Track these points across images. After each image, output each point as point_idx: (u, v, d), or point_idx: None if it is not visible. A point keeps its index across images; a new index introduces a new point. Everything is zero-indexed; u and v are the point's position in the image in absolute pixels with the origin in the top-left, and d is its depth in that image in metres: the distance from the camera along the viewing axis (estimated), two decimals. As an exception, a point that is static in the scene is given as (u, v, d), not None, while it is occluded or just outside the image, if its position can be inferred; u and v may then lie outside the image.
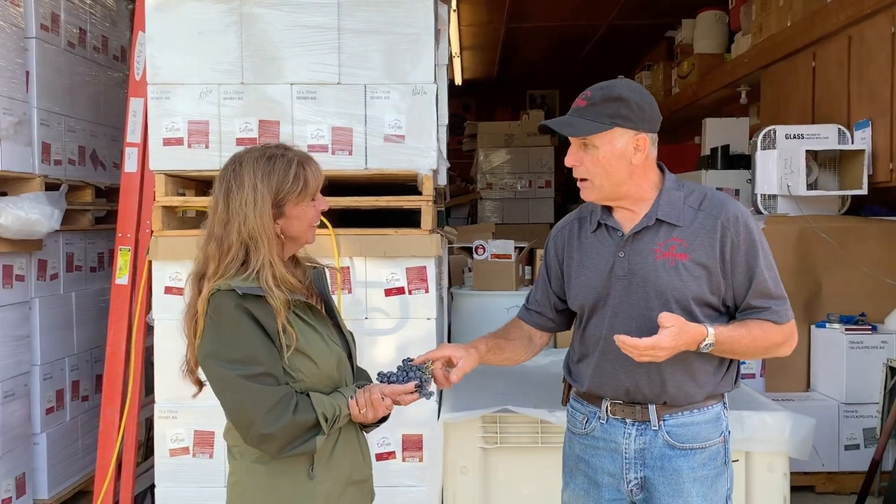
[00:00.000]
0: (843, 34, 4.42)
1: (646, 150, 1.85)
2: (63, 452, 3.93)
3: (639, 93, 1.85)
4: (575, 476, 2.01)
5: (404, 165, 3.02)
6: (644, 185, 1.88)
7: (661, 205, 1.87)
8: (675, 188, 1.90)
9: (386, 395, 1.80)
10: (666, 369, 1.85)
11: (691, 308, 1.84)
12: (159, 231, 3.01)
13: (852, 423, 3.99)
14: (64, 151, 3.98)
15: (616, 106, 1.81)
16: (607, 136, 1.82)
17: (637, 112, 1.82)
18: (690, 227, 1.85)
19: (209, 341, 1.70)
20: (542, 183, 8.25)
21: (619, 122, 1.81)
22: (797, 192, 4.14)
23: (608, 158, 1.83)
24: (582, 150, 1.86)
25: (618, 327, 1.86)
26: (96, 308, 4.23)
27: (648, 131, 1.85)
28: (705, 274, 1.83)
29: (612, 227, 1.92)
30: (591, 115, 1.83)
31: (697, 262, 1.83)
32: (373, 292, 3.05)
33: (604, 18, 7.55)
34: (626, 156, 1.83)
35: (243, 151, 1.83)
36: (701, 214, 1.86)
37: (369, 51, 2.99)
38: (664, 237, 1.85)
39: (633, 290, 1.86)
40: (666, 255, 1.84)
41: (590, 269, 1.94)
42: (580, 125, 1.83)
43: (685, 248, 1.84)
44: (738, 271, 1.84)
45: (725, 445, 1.94)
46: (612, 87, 1.84)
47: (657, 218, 1.86)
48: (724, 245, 1.83)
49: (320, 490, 1.77)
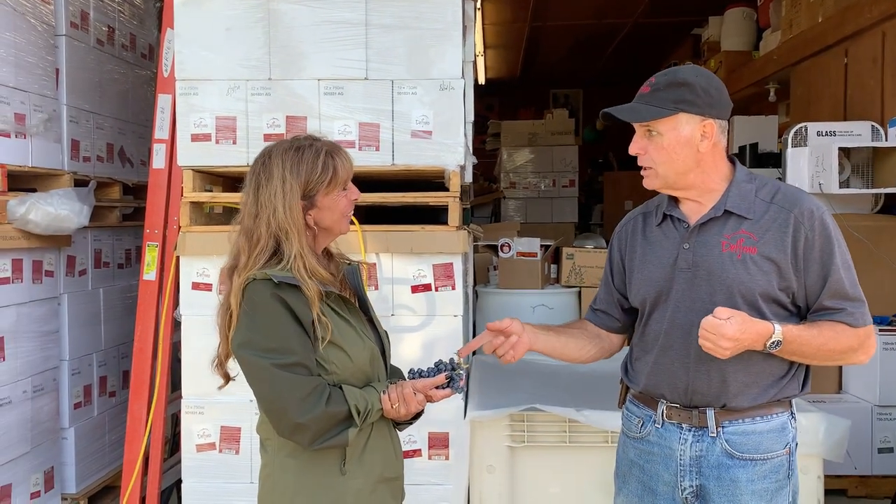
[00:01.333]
0: (876, 30, 4.34)
1: (713, 136, 1.78)
2: (90, 447, 3.96)
3: (706, 77, 1.79)
4: (628, 482, 1.94)
5: (431, 161, 3.00)
6: (713, 174, 1.81)
7: (730, 196, 1.80)
8: (746, 180, 1.82)
9: (417, 390, 1.79)
10: (728, 368, 1.76)
11: (758, 304, 1.76)
12: (187, 227, 3.02)
13: (886, 425, 3.91)
14: (92, 148, 4.01)
15: (681, 91, 1.75)
16: (671, 122, 1.76)
17: (703, 97, 1.75)
18: (761, 221, 1.77)
19: (243, 330, 1.70)
20: (566, 182, 8.20)
21: (683, 107, 1.75)
22: (829, 190, 4.06)
23: (673, 145, 1.77)
24: (646, 137, 1.80)
25: (679, 322, 1.80)
26: (123, 304, 4.26)
27: (716, 117, 1.78)
28: (774, 269, 1.75)
29: (677, 219, 1.85)
30: (655, 100, 1.77)
31: (766, 256, 1.75)
32: (399, 289, 3.04)
33: (629, 17, 7.48)
34: (693, 143, 1.77)
35: (273, 144, 1.84)
36: (773, 208, 1.78)
37: (396, 46, 2.98)
38: (732, 229, 1.78)
39: (696, 284, 1.79)
40: (733, 247, 1.76)
41: (652, 262, 1.87)
42: (643, 111, 1.78)
43: (754, 241, 1.76)
44: (812, 269, 1.76)
45: (790, 458, 1.84)
46: (676, 72, 1.79)
47: (726, 209, 1.79)
48: (798, 241, 1.75)
49: (351, 486, 1.76)
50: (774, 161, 5.06)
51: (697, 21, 7.26)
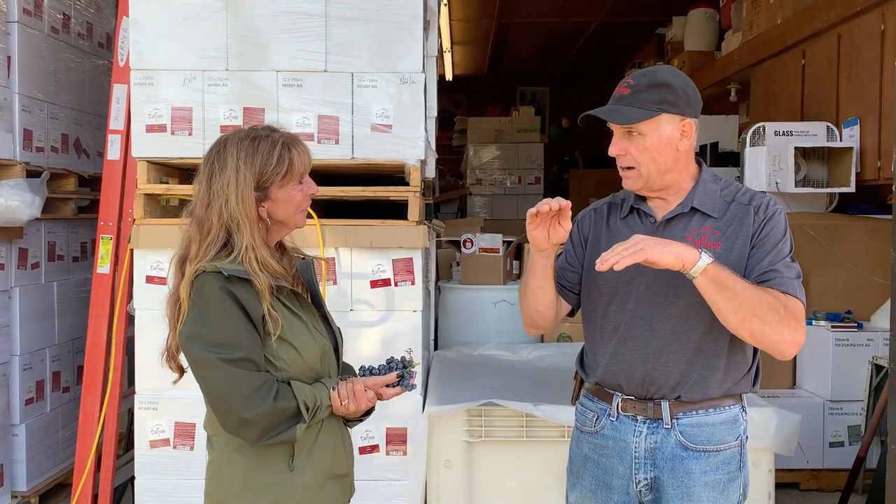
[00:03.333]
0: (832, 32, 4.42)
1: (691, 136, 1.82)
2: (43, 444, 3.87)
3: (683, 78, 1.82)
4: (582, 477, 1.95)
5: (391, 155, 2.99)
6: (685, 174, 1.85)
7: (697, 194, 1.84)
8: (712, 181, 1.87)
9: (368, 387, 1.77)
10: (686, 359, 1.79)
11: None
12: (141, 219, 2.97)
13: (837, 420, 3.99)
14: (46, 139, 3.92)
15: (662, 92, 1.77)
16: (654, 123, 1.77)
17: (683, 97, 1.79)
18: (723, 219, 1.82)
19: (191, 323, 1.67)
20: (532, 179, 8.24)
21: (665, 107, 1.77)
22: (786, 188, 4.14)
23: (656, 146, 1.78)
24: (626, 138, 1.81)
25: (641, 313, 1.82)
26: (78, 298, 4.18)
27: (693, 116, 1.82)
28: (737, 265, 1.78)
29: (644, 213, 1.88)
30: (637, 102, 1.78)
31: (729, 251, 1.79)
32: (358, 284, 3.02)
33: (595, 15, 7.53)
34: (673, 142, 1.79)
35: (229, 133, 1.80)
36: (734, 205, 1.83)
37: (356, 39, 2.95)
38: (696, 226, 1.82)
39: (660, 276, 1.81)
40: (697, 243, 1.78)
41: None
42: (627, 113, 1.78)
43: (717, 237, 1.80)
44: (760, 249, 1.78)
45: (742, 450, 1.87)
46: (655, 73, 1.81)
47: (692, 206, 1.83)
48: (755, 226, 1.79)
49: (299, 483, 1.73)
50: (734, 160, 5.14)
51: (661, 21, 7.34)
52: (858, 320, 4.05)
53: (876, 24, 4.01)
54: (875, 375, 3.75)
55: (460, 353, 3.82)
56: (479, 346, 3.92)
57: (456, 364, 3.62)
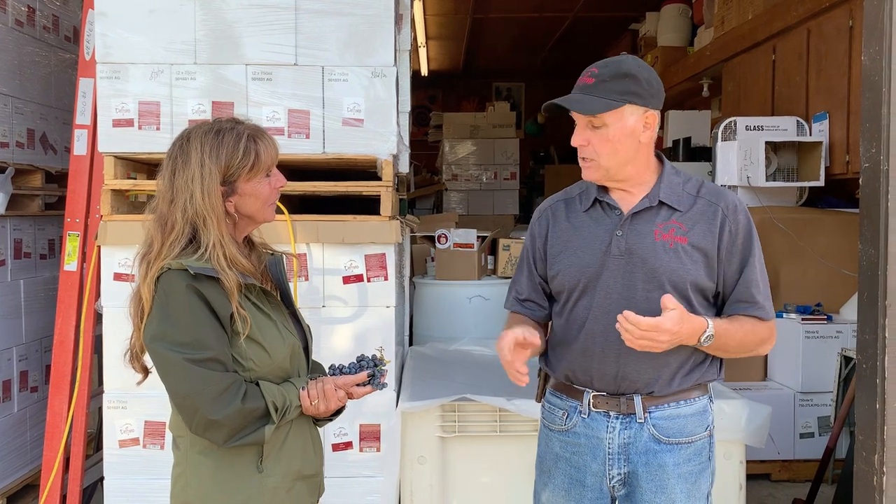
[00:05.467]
0: (802, 27, 4.47)
1: (654, 127, 1.81)
2: (10, 445, 3.80)
3: (647, 69, 1.81)
4: (554, 476, 1.92)
5: (363, 150, 2.96)
6: (646, 166, 1.85)
7: (662, 187, 1.83)
8: (673, 174, 1.87)
9: (338, 386, 1.74)
10: (660, 354, 1.78)
11: (688, 294, 1.80)
12: (108, 215, 2.92)
13: (807, 411, 4.05)
14: (11, 134, 3.84)
15: (626, 82, 1.76)
16: (618, 114, 1.76)
17: (647, 88, 1.78)
18: (689, 212, 1.82)
19: (156, 322, 1.63)
20: (508, 175, 8.24)
21: (630, 98, 1.76)
22: (757, 182, 4.18)
23: (618, 136, 1.77)
24: (589, 128, 1.80)
25: (610, 308, 1.79)
26: (46, 296, 4.10)
27: (656, 108, 1.81)
28: (703, 259, 1.80)
29: (610, 206, 1.86)
30: (602, 92, 1.76)
31: (696, 246, 1.80)
32: (330, 280, 2.99)
33: (569, 10, 7.55)
34: (636, 134, 1.79)
35: (192, 127, 1.76)
36: (700, 201, 1.83)
37: (327, 32, 2.92)
38: (664, 220, 1.82)
39: (629, 270, 1.81)
40: (666, 237, 1.80)
41: (582, 248, 1.86)
42: (591, 103, 1.76)
43: (684, 231, 1.80)
44: (733, 261, 1.82)
45: (710, 440, 1.90)
46: (620, 63, 1.79)
47: (660, 199, 1.82)
48: (723, 232, 1.81)
49: (268, 484, 1.71)
50: (706, 155, 5.19)
51: (635, 16, 7.38)
52: (828, 313, 4.11)
53: (844, 19, 4.05)
54: (844, 367, 3.81)
55: (435, 349, 3.81)
56: (453, 342, 3.91)
57: (430, 360, 3.61)
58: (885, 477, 1.92)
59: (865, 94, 1.99)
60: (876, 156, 1.94)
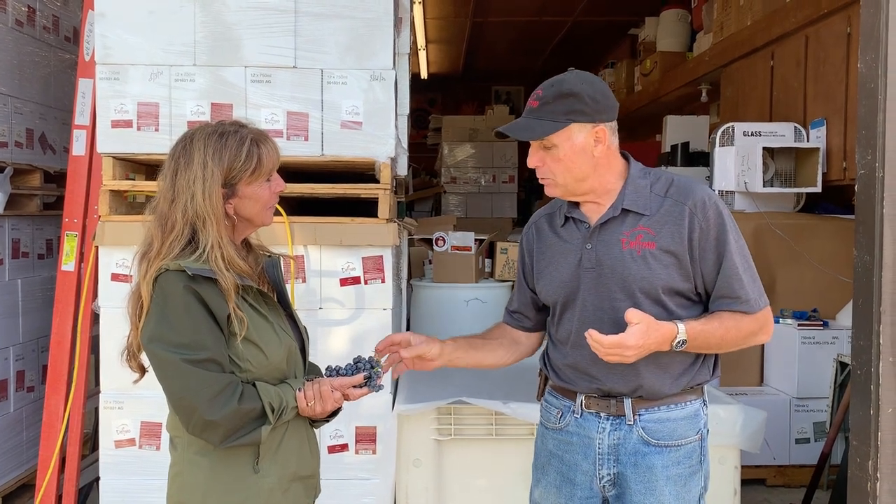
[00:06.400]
0: (800, 34, 4.48)
1: (606, 140, 1.81)
2: (7, 444, 3.80)
3: (591, 84, 1.81)
4: (547, 473, 1.96)
5: (361, 153, 2.97)
6: (608, 176, 1.84)
7: (626, 194, 1.83)
8: (640, 176, 1.86)
9: (335, 387, 1.75)
10: (639, 363, 1.79)
11: (661, 299, 1.80)
12: (106, 216, 2.92)
13: (803, 417, 4.05)
14: (10, 133, 3.84)
15: (569, 102, 1.77)
16: (565, 134, 1.78)
17: (591, 104, 1.78)
18: (657, 215, 1.81)
19: (154, 323, 1.64)
20: (506, 178, 8.26)
21: (574, 117, 1.77)
22: (754, 188, 4.19)
23: (569, 155, 1.79)
24: (542, 150, 1.82)
25: (588, 321, 1.82)
26: (44, 296, 4.10)
27: (606, 121, 1.81)
28: (674, 262, 1.79)
29: (578, 220, 1.88)
30: (546, 114, 1.78)
31: (665, 249, 1.79)
32: (328, 282, 3.00)
33: (568, 15, 7.57)
34: (587, 150, 1.79)
35: (196, 128, 1.77)
36: (668, 202, 1.82)
37: (326, 35, 2.93)
38: (630, 227, 1.82)
39: (601, 282, 1.82)
40: (633, 244, 1.80)
41: (559, 263, 1.90)
42: (536, 127, 1.79)
43: (652, 236, 1.80)
44: (708, 257, 1.80)
45: (702, 444, 1.89)
46: (563, 83, 1.80)
47: (623, 208, 1.82)
48: (693, 231, 1.79)
49: (264, 485, 1.71)
50: (704, 160, 5.19)
51: (634, 21, 7.39)
52: (824, 318, 4.12)
53: (842, 26, 4.07)
54: (840, 373, 3.81)
55: (432, 352, 3.80)
56: (450, 345, 3.91)
57: (427, 362, 3.61)
58: (878, 483, 1.92)
59: (862, 101, 1.99)
60: (871, 163, 1.95)
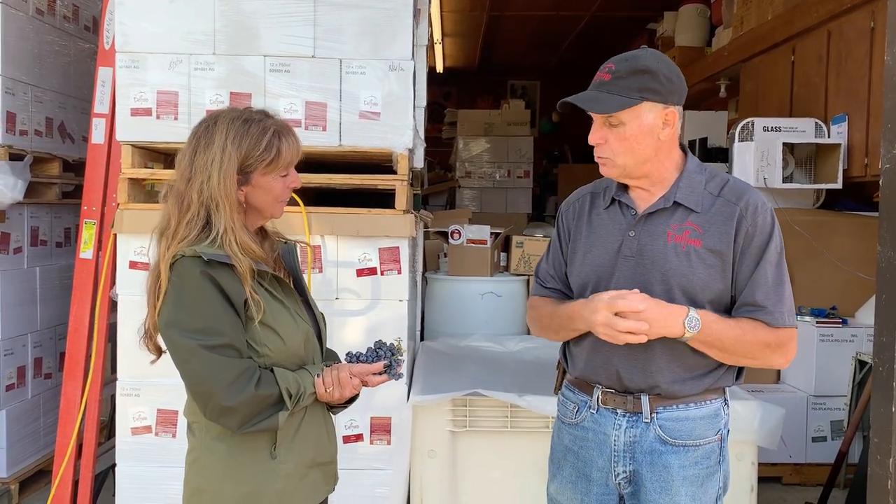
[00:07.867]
0: (822, 29, 4.43)
1: (674, 124, 1.75)
2: (24, 430, 3.84)
3: (666, 64, 1.75)
4: (563, 468, 1.92)
5: (379, 143, 2.96)
6: (667, 163, 1.78)
7: (680, 187, 1.77)
8: (697, 171, 1.80)
9: (354, 374, 1.75)
10: (662, 359, 1.75)
11: (698, 298, 1.74)
12: (125, 204, 2.93)
13: (820, 415, 4.02)
14: (30, 122, 3.87)
15: (644, 79, 1.70)
16: (635, 111, 1.70)
17: (666, 84, 1.71)
18: (707, 214, 1.75)
19: (171, 309, 1.64)
20: (521, 173, 8.22)
21: (648, 95, 1.70)
22: (773, 184, 4.15)
23: (636, 135, 1.72)
24: (606, 126, 1.75)
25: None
26: (62, 284, 4.13)
27: (677, 104, 1.75)
28: (718, 262, 1.74)
29: (625, 205, 1.82)
30: (618, 89, 1.70)
31: (711, 249, 1.73)
32: (344, 272, 3.00)
33: (586, 9, 7.52)
34: (655, 131, 1.73)
35: (222, 110, 1.77)
36: (720, 201, 1.76)
37: (345, 24, 2.92)
38: (679, 221, 1.76)
39: (639, 272, 1.77)
40: (678, 239, 1.74)
41: (597, 246, 1.84)
42: (607, 101, 1.71)
43: (699, 234, 1.74)
44: (746, 262, 1.74)
45: (722, 444, 1.83)
46: (637, 59, 1.73)
47: (675, 200, 1.77)
48: (739, 233, 1.73)
49: (282, 470, 1.71)
50: (723, 156, 5.15)
51: (652, 16, 7.34)
52: (843, 316, 4.07)
53: (866, 20, 4.01)
54: (858, 371, 3.78)
55: (446, 344, 3.81)
56: (465, 338, 3.91)
57: (442, 354, 3.61)
58: (899, 480, 1.90)
59: (887, 94, 1.96)
60: (897, 156, 1.92)
